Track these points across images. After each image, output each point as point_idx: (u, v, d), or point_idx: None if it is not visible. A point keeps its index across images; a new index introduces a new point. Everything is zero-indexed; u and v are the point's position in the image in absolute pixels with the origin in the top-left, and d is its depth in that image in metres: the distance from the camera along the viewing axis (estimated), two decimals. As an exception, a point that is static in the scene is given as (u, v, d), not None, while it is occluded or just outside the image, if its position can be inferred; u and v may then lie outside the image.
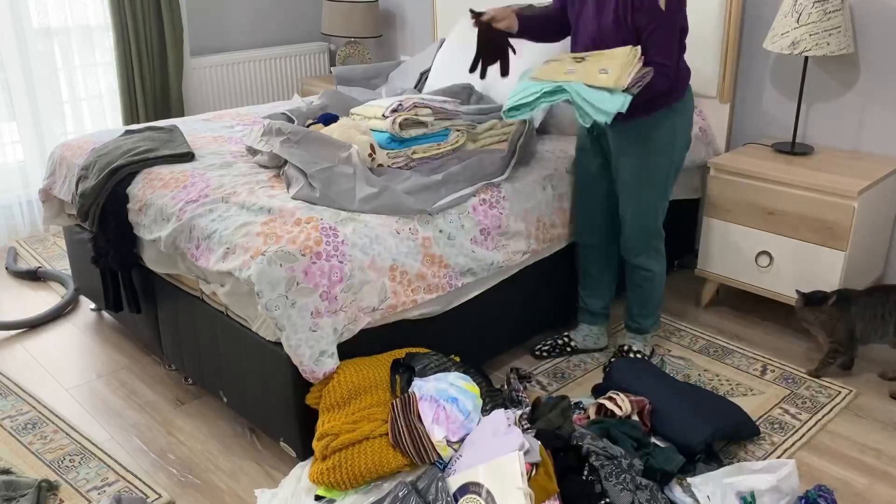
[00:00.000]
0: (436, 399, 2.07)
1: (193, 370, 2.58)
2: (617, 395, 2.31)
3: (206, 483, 2.26)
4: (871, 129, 2.98)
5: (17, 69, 3.80)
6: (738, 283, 3.02)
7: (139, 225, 2.54)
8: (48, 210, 3.01)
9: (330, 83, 4.47)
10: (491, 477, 1.85)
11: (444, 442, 2.02)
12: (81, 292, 3.18)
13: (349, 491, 1.98)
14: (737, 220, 2.94)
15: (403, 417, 2.03)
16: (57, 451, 2.37)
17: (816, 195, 2.72)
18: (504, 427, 2.00)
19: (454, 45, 3.43)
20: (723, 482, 2.04)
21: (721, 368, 2.77)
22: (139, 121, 4.17)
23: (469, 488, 1.87)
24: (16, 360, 2.89)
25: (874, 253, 2.93)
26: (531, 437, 2.00)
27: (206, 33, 4.50)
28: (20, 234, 3.99)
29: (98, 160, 2.68)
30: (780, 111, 3.21)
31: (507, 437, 1.95)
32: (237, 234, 2.18)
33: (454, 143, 2.64)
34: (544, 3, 2.89)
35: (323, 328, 2.09)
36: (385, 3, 4.66)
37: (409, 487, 1.89)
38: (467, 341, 2.59)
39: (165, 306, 2.62)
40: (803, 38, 2.74)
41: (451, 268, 2.37)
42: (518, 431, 1.96)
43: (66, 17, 3.94)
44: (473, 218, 2.43)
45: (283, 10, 4.80)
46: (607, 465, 2.01)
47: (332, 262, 2.10)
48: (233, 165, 2.62)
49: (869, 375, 2.73)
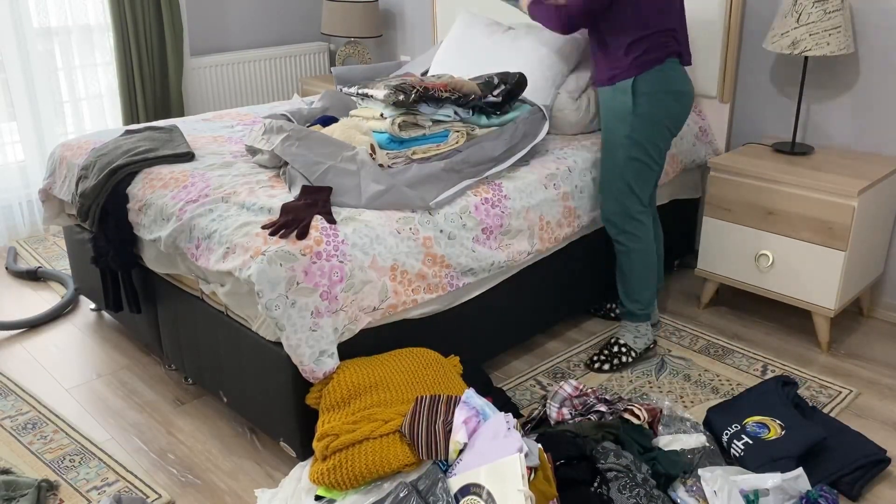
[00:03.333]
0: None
1: (193, 370, 2.58)
2: (637, 406, 2.30)
3: (206, 483, 2.26)
4: (871, 129, 2.98)
5: (17, 69, 3.80)
6: (738, 283, 3.02)
7: (139, 225, 2.54)
8: (48, 210, 3.01)
9: (330, 83, 4.47)
10: (492, 478, 1.85)
11: (461, 444, 2.04)
12: (81, 292, 3.18)
13: (349, 491, 1.98)
14: (737, 220, 2.94)
15: (428, 412, 2.03)
16: (57, 451, 2.37)
17: (816, 195, 2.72)
18: (504, 430, 2.00)
19: (452, 45, 3.43)
20: (730, 479, 2.04)
21: (721, 368, 2.77)
22: (139, 121, 4.17)
23: (470, 489, 1.87)
24: (16, 360, 2.89)
25: (874, 253, 2.93)
26: (531, 440, 2.00)
27: (206, 33, 4.50)
28: (20, 234, 3.99)
29: (98, 160, 2.68)
30: (780, 111, 3.21)
31: (507, 440, 1.95)
32: (237, 233, 2.18)
33: (454, 143, 2.65)
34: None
35: (323, 328, 2.09)
36: (385, 3, 4.67)
37: (409, 488, 1.89)
38: (468, 341, 2.59)
39: (165, 306, 2.62)
40: (803, 38, 2.74)
41: (453, 268, 2.37)
42: (517, 435, 1.96)
43: (66, 17, 3.94)
44: (475, 217, 2.43)
45: (283, 10, 4.80)
46: (622, 477, 1.99)
47: (332, 262, 2.10)
48: (233, 165, 2.62)
49: (869, 375, 2.73)
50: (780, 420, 2.29)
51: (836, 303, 2.77)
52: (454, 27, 3.47)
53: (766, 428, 2.27)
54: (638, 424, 2.22)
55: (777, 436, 2.23)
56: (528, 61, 3.01)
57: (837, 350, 2.90)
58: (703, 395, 2.62)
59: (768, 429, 2.27)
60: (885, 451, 2.24)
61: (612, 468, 2.00)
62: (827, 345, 2.88)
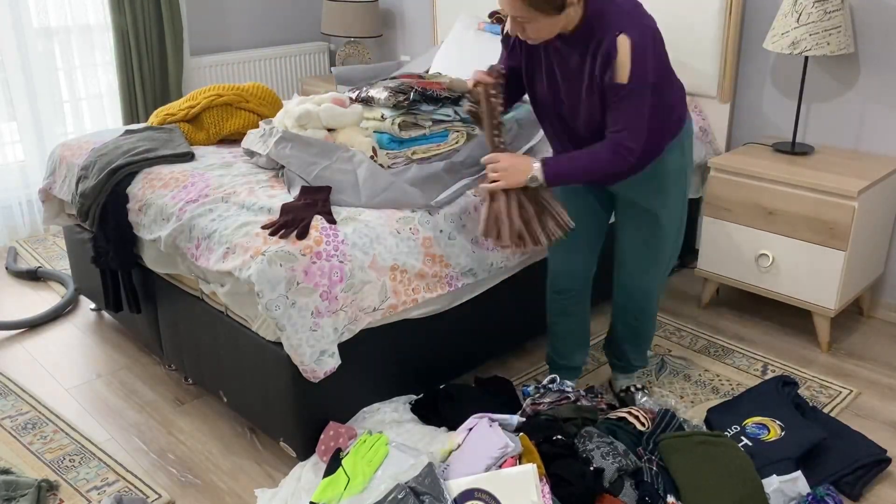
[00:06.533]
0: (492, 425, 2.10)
1: (193, 370, 2.58)
2: (639, 412, 2.30)
3: (206, 483, 2.26)
4: (871, 129, 2.98)
5: (17, 69, 3.80)
6: (738, 283, 3.02)
7: (139, 225, 2.54)
8: (48, 210, 3.01)
9: (330, 83, 4.47)
10: (502, 487, 1.85)
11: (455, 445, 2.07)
12: (81, 292, 3.18)
13: (345, 493, 1.98)
14: (737, 220, 2.94)
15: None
16: (57, 451, 2.37)
17: (816, 195, 2.72)
18: (487, 428, 2.05)
19: (453, 46, 3.43)
20: None
21: (721, 368, 2.77)
22: (139, 121, 4.17)
23: (474, 494, 1.87)
24: (16, 360, 2.89)
25: (874, 253, 2.93)
26: (510, 433, 2.04)
27: (206, 33, 4.50)
28: (20, 234, 3.99)
29: (98, 160, 2.68)
30: (780, 111, 3.21)
31: (491, 436, 1.99)
32: (237, 233, 2.18)
33: (454, 143, 2.65)
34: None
35: (323, 328, 2.09)
36: (385, 3, 4.66)
37: (406, 490, 1.89)
38: (468, 341, 2.59)
39: (165, 306, 2.62)
40: (803, 38, 2.74)
41: (453, 268, 2.37)
42: (500, 431, 2.01)
43: (66, 17, 3.93)
44: (475, 218, 2.43)
45: (283, 10, 4.80)
46: (604, 446, 2.05)
47: (332, 262, 2.10)
48: (233, 165, 2.62)
49: (869, 375, 2.73)
50: (779, 421, 2.29)
51: (837, 303, 2.77)
52: (455, 28, 3.48)
53: (766, 429, 2.27)
54: (640, 430, 2.23)
55: (777, 437, 2.23)
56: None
57: (837, 350, 2.90)
58: (703, 395, 2.61)
59: (768, 430, 2.27)
60: (886, 451, 2.24)
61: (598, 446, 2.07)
62: (827, 345, 2.88)
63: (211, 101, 2.87)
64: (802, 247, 2.79)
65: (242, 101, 2.91)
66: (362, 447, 2.09)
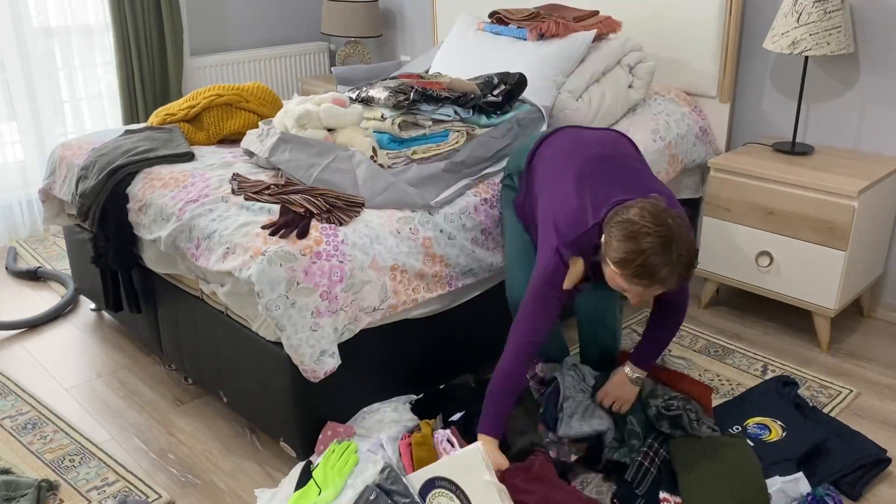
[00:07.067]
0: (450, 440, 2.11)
1: (193, 370, 2.58)
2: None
3: (206, 483, 2.26)
4: (871, 129, 2.98)
5: (17, 69, 3.80)
6: (738, 283, 3.02)
7: (139, 225, 2.54)
8: (48, 210, 3.01)
9: (330, 83, 4.47)
10: (455, 470, 1.88)
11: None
12: (81, 292, 3.18)
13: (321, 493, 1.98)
14: (737, 220, 2.94)
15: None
16: (57, 451, 2.37)
17: (816, 195, 2.72)
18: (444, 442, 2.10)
19: (453, 46, 3.43)
20: None
21: (721, 368, 2.77)
22: (139, 121, 4.17)
23: (435, 483, 1.90)
24: (16, 360, 2.89)
25: (874, 253, 2.93)
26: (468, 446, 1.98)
27: (206, 33, 4.50)
28: (20, 234, 3.99)
29: (98, 160, 2.68)
30: (780, 111, 3.21)
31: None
32: (237, 233, 2.18)
33: (454, 143, 2.65)
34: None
35: (323, 328, 2.09)
36: (385, 3, 4.66)
37: (377, 491, 1.90)
38: (469, 341, 2.59)
39: (165, 306, 2.62)
40: (803, 38, 2.74)
41: (452, 268, 2.37)
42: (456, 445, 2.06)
43: (66, 17, 3.93)
44: (475, 218, 2.43)
45: (283, 10, 4.80)
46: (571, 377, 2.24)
47: (332, 262, 2.10)
48: (233, 165, 2.62)
49: (869, 375, 2.73)
50: (780, 421, 2.29)
51: (837, 303, 2.77)
52: (454, 28, 3.47)
53: (767, 429, 2.27)
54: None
55: (778, 437, 2.23)
56: (528, 61, 3.01)
57: (837, 350, 2.90)
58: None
59: (769, 430, 2.27)
60: (886, 450, 2.24)
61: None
62: (827, 345, 2.88)
63: (211, 101, 2.87)
64: (802, 247, 2.79)
65: (242, 101, 2.92)
66: (332, 457, 2.07)
